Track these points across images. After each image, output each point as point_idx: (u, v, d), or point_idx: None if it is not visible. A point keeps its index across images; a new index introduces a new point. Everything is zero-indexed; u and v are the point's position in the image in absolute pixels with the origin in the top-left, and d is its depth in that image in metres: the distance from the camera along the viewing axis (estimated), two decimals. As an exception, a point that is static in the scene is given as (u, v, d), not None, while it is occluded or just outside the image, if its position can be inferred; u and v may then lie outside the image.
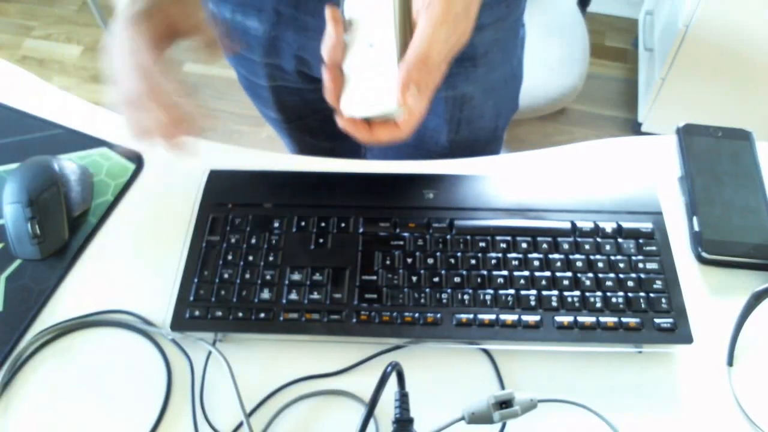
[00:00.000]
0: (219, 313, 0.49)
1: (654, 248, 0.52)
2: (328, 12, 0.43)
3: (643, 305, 0.49)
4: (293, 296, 0.50)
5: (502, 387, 0.48)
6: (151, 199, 0.59)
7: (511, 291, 0.50)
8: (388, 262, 0.51)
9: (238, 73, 0.74)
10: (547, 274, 0.51)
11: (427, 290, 0.50)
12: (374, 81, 0.42)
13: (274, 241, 0.53)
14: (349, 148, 0.74)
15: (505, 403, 0.42)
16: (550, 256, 0.51)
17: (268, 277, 0.51)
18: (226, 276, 0.51)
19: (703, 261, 0.54)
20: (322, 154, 0.63)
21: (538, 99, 1.14)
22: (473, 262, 0.51)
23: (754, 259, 0.53)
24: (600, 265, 0.51)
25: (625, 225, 0.53)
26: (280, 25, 0.62)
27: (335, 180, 0.57)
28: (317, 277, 0.51)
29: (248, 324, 0.49)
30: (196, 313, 0.49)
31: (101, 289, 0.53)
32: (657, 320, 0.48)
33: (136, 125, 0.48)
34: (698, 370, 0.49)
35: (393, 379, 0.42)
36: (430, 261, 0.51)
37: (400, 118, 0.42)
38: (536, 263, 0.51)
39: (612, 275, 0.50)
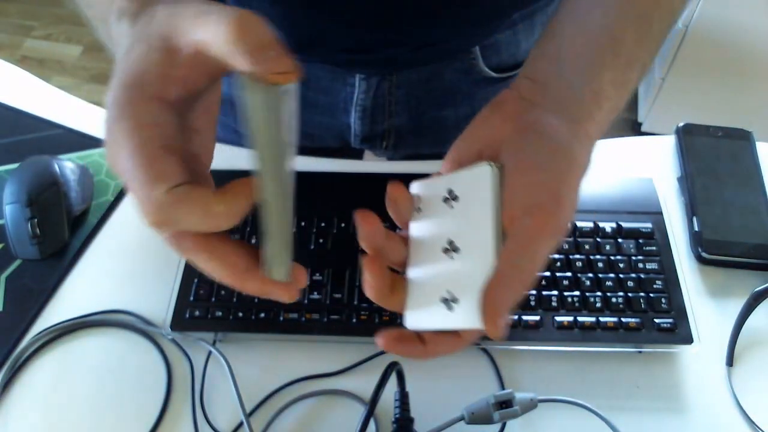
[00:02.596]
0: (219, 313, 0.49)
1: (654, 248, 0.52)
2: (391, 189, 0.34)
3: (643, 305, 0.49)
4: (293, 296, 0.49)
5: (502, 387, 0.48)
6: (151, 199, 0.59)
7: (511, 291, 0.50)
8: (388, 262, 0.51)
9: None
10: (547, 274, 0.51)
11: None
12: (454, 290, 0.32)
13: (274, 241, 0.52)
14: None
15: (505, 403, 0.42)
16: (550, 256, 0.51)
17: (268, 277, 0.50)
18: (226, 276, 0.50)
19: (703, 261, 0.54)
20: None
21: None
22: (473, 262, 0.51)
23: (754, 259, 0.53)
24: (600, 265, 0.51)
25: (625, 225, 0.53)
26: None
27: (336, 180, 0.57)
28: (317, 277, 0.51)
29: (248, 324, 0.49)
30: (196, 313, 0.49)
31: (101, 289, 0.53)
32: (657, 320, 0.48)
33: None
34: (698, 370, 0.49)
35: (393, 379, 0.42)
36: (430, 261, 0.51)
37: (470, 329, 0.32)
38: (536, 263, 0.51)
39: (612, 275, 0.50)
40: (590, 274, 0.51)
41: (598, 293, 0.50)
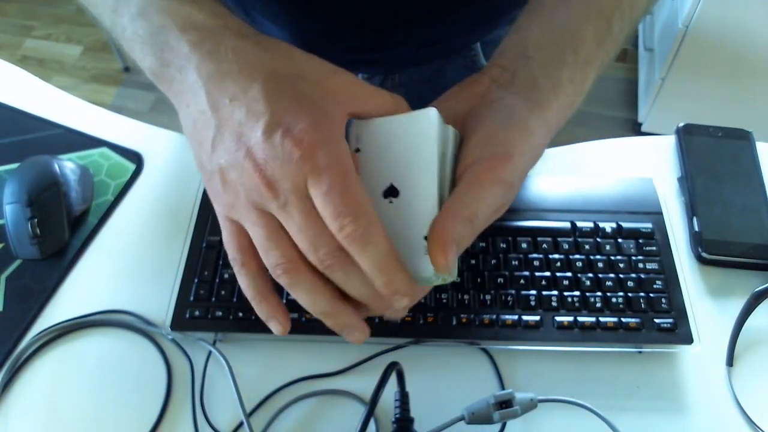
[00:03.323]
0: (219, 313, 0.49)
1: (654, 248, 0.52)
2: None
3: (643, 305, 0.49)
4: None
5: (502, 387, 0.48)
6: (151, 199, 0.59)
7: (511, 291, 0.50)
8: (388, 262, 0.51)
9: None
10: (547, 274, 0.51)
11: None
12: (400, 239, 0.33)
13: (274, 241, 0.52)
14: None
15: (505, 403, 0.42)
16: (550, 256, 0.51)
17: (268, 277, 0.50)
18: (226, 276, 0.50)
19: (703, 261, 0.54)
20: None
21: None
22: (473, 262, 0.51)
23: (754, 259, 0.53)
24: (600, 265, 0.51)
25: (625, 225, 0.53)
26: None
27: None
28: (317, 277, 0.50)
29: (248, 324, 0.49)
30: (196, 313, 0.49)
31: (101, 289, 0.53)
32: (657, 320, 0.48)
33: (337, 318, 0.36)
34: (698, 370, 0.49)
35: (393, 379, 0.42)
36: (430, 261, 0.51)
37: (424, 283, 0.35)
38: (536, 263, 0.51)
39: (612, 275, 0.50)
40: (590, 274, 0.50)
41: (598, 293, 0.50)
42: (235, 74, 0.33)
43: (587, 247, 0.52)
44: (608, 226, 0.53)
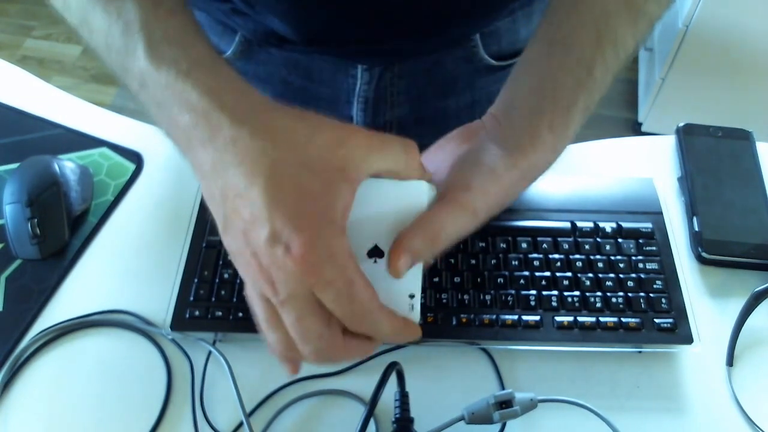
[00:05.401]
0: (219, 313, 0.49)
1: (654, 248, 0.52)
2: None
3: (643, 305, 0.49)
4: (293, 296, 0.49)
5: (502, 387, 0.48)
6: (151, 199, 0.59)
7: (511, 291, 0.50)
8: (388, 262, 0.51)
9: None
10: (547, 274, 0.51)
11: (428, 290, 0.50)
12: (385, 294, 0.36)
13: (274, 241, 0.52)
14: None
15: (505, 403, 0.42)
16: (550, 256, 0.51)
17: (268, 277, 0.50)
18: (226, 276, 0.50)
19: (703, 261, 0.54)
20: None
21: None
22: (473, 262, 0.51)
23: (754, 259, 0.53)
24: (600, 265, 0.51)
25: (625, 225, 0.53)
26: (287, 96, 0.55)
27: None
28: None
29: (248, 324, 0.48)
30: (196, 313, 0.49)
31: (101, 289, 0.53)
32: (657, 320, 0.48)
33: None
34: (698, 370, 0.49)
35: (393, 379, 0.42)
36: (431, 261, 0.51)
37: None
38: (536, 263, 0.51)
39: (612, 275, 0.50)
40: (590, 274, 0.50)
41: (598, 293, 0.50)
42: (236, 167, 0.32)
43: (587, 247, 0.52)
44: (608, 226, 0.53)
